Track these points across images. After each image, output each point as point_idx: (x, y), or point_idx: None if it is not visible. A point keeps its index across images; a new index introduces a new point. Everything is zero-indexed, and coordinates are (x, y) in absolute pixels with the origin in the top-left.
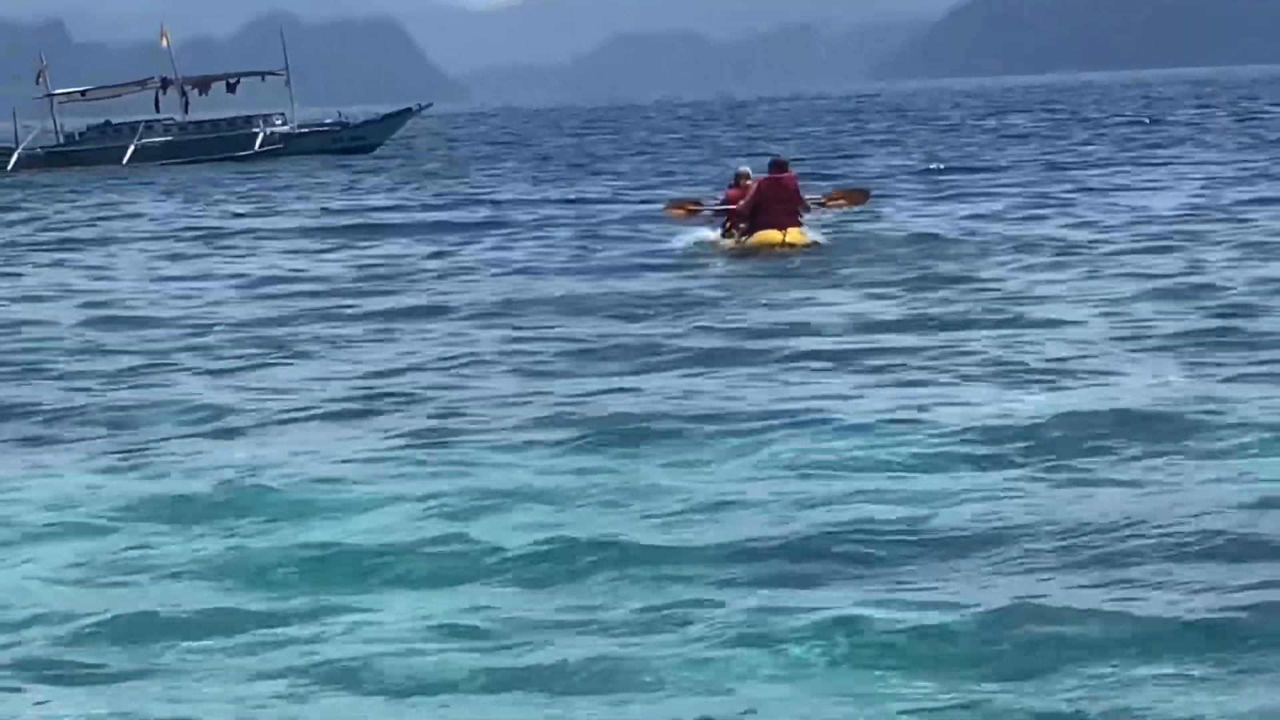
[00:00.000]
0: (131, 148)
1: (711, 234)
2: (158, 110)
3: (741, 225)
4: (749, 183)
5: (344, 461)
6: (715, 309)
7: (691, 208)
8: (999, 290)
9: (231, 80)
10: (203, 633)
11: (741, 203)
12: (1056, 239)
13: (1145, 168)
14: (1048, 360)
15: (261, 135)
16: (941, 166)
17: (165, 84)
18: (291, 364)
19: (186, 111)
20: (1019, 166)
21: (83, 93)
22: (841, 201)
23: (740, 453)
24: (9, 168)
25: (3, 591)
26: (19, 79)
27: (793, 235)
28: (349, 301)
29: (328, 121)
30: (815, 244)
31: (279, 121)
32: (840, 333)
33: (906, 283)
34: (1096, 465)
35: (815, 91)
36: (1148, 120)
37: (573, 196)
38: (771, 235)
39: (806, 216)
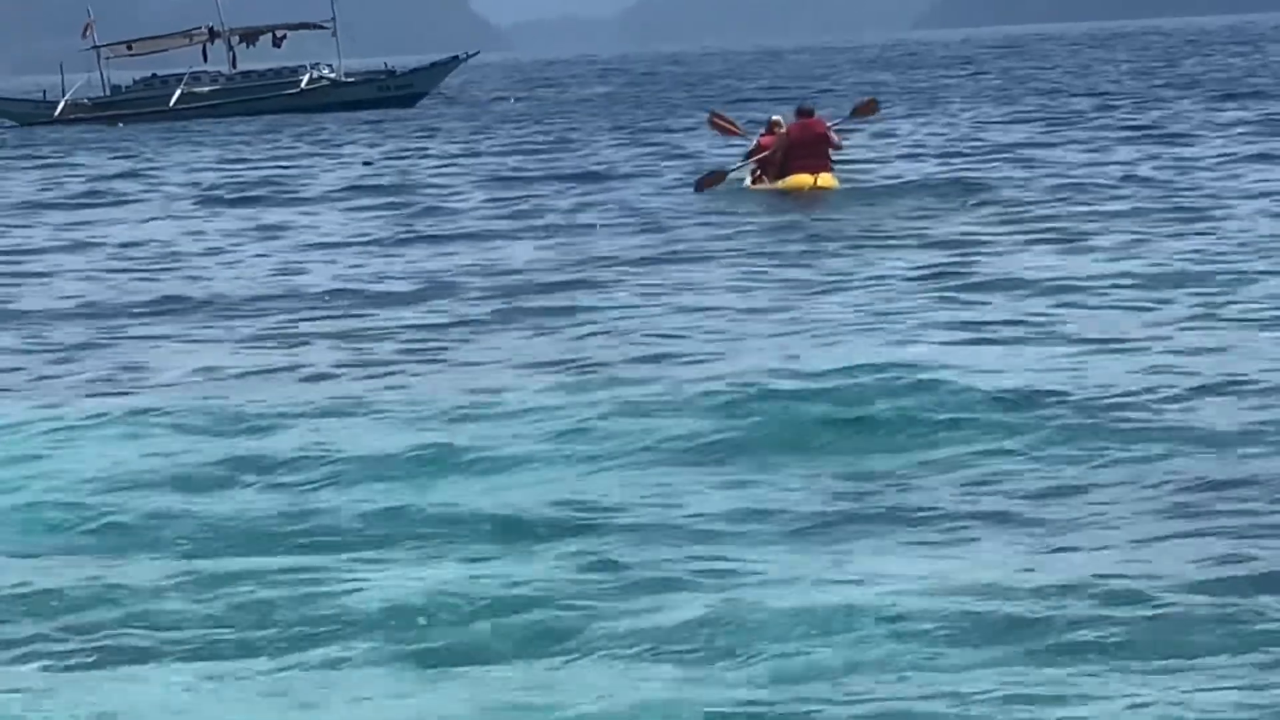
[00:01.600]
0: (176, 94)
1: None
2: (205, 61)
3: (772, 170)
4: (781, 130)
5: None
6: (747, 257)
7: (723, 176)
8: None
9: (279, 33)
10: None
11: (770, 151)
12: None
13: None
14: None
15: (308, 77)
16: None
17: (212, 35)
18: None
19: (235, 64)
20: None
21: (129, 45)
22: (861, 113)
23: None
24: (54, 117)
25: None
26: (66, 32)
27: (824, 179)
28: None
29: (374, 71)
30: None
31: (327, 70)
32: (855, 284)
33: (933, 234)
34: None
35: (858, 41)
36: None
37: (614, 144)
38: (803, 179)
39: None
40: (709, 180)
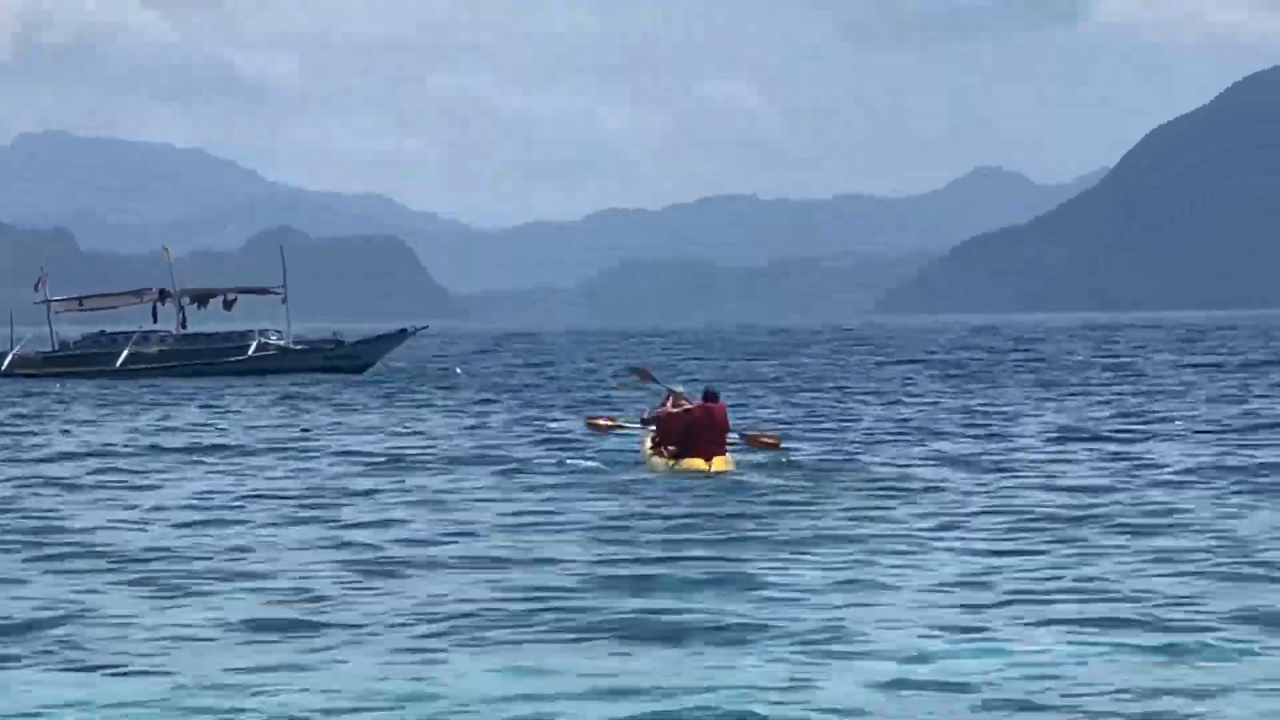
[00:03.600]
0: (124, 354)
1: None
2: (155, 321)
3: (671, 447)
4: (683, 402)
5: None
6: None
7: (610, 423)
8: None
9: (229, 296)
10: None
11: (676, 413)
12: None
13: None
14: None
15: (255, 344)
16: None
17: (163, 295)
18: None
19: (184, 325)
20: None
21: (80, 301)
22: (763, 442)
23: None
24: (2, 370)
25: None
26: (20, 285)
27: (718, 464)
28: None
29: (322, 340)
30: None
31: (274, 337)
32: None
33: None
34: None
35: (818, 323)
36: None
37: (528, 416)
38: (698, 464)
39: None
40: (598, 421)
